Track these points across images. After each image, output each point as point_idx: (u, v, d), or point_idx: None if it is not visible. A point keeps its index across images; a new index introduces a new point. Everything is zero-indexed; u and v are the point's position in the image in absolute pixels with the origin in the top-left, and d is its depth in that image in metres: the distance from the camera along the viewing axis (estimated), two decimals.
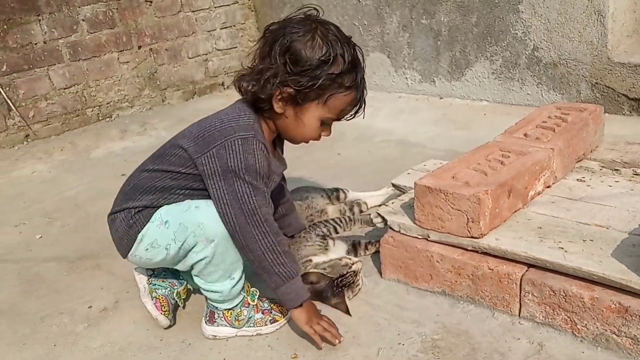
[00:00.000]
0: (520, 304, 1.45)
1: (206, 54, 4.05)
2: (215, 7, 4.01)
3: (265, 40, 1.41)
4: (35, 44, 3.42)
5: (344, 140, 2.87)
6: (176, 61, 3.94)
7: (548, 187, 1.70)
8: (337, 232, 1.77)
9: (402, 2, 3.26)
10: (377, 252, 1.75)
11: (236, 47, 4.16)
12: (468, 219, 1.47)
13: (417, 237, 1.60)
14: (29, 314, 1.77)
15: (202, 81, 4.08)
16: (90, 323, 1.68)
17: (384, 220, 1.68)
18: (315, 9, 1.43)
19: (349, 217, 1.79)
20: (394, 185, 1.93)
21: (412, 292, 1.62)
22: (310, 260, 1.66)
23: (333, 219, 1.79)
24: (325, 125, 1.47)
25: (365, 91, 1.45)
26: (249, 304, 1.53)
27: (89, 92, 3.66)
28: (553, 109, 1.97)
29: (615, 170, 1.80)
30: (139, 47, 3.79)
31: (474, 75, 3.09)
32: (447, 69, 3.20)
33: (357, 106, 1.46)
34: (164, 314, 1.58)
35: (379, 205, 2.04)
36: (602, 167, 1.83)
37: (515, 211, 1.58)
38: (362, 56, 1.44)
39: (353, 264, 1.61)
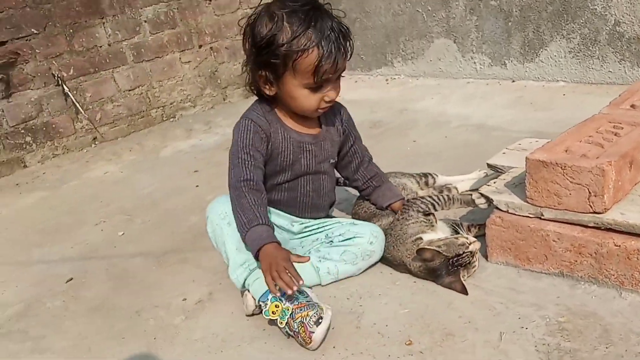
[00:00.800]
0: None
1: None
2: None
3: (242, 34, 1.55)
4: (100, 46, 3.44)
5: (417, 127, 2.78)
6: (236, 59, 3.92)
7: None
8: (435, 210, 1.69)
9: None
10: (480, 235, 1.66)
11: None
12: (590, 193, 1.37)
13: (529, 216, 1.51)
14: (123, 308, 1.74)
15: None
16: (188, 315, 1.65)
17: (489, 200, 1.59)
18: None
19: (447, 195, 1.72)
20: (489, 165, 1.83)
21: (524, 275, 1.53)
22: (421, 238, 1.58)
23: (430, 196, 1.72)
24: (317, 90, 1.49)
25: (334, 43, 1.44)
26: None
27: (152, 93, 3.66)
28: None
29: None
30: (200, 46, 3.78)
31: (549, 56, 2.97)
32: (519, 51, 3.08)
33: (331, 59, 1.44)
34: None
35: (473, 190, 1.95)
36: None
37: (635, 184, 1.48)
38: (327, 11, 1.48)
39: (470, 243, 1.53)
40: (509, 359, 1.26)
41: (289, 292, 1.37)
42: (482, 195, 1.64)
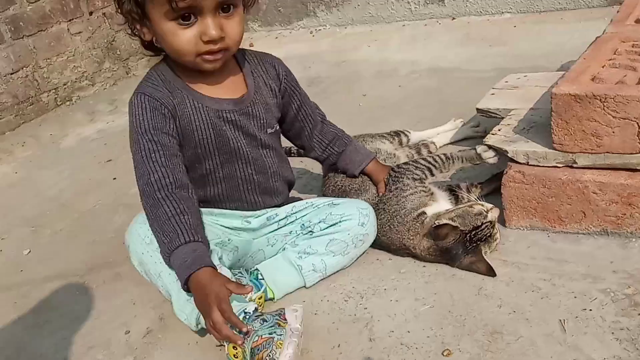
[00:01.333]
0: None
1: None
2: None
3: None
4: None
5: (362, 79, 2.44)
6: None
7: None
8: (432, 175, 1.37)
9: None
10: (485, 195, 1.37)
11: None
12: None
13: (557, 166, 1.21)
14: (47, 356, 1.32)
15: None
16: (137, 355, 1.24)
17: (500, 152, 1.28)
18: None
19: (444, 155, 1.39)
20: (480, 110, 1.53)
21: (557, 239, 1.24)
22: (424, 213, 1.26)
23: (424, 159, 1.39)
24: (188, 24, 1.11)
25: None
26: None
27: (40, 74, 3.09)
28: None
29: None
30: (90, 13, 3.24)
31: None
32: None
33: None
34: None
35: (456, 142, 1.65)
36: None
37: None
38: None
39: (488, 211, 1.22)
40: (585, 357, 0.96)
41: (239, 343, 1.04)
42: (489, 147, 1.32)
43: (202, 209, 1.26)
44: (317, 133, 1.42)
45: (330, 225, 1.28)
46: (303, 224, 1.32)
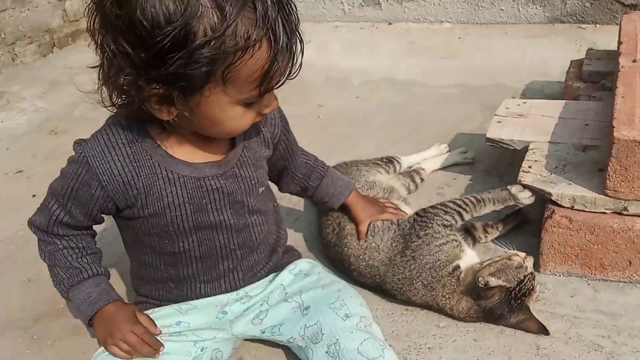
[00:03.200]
0: None
1: None
2: None
3: (90, 19, 0.85)
4: None
5: (310, 87, 2.27)
6: (23, 4, 2.93)
7: None
8: (462, 220, 1.25)
9: None
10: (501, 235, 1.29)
11: None
12: None
13: (605, 212, 1.15)
14: None
15: (61, 28, 3.12)
16: None
17: (541, 194, 1.20)
18: None
19: (475, 197, 1.27)
20: (490, 140, 1.43)
21: (600, 288, 1.19)
22: (459, 267, 1.13)
23: (454, 202, 1.26)
24: (254, 104, 0.90)
25: (286, 25, 0.83)
26: None
27: None
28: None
29: None
30: None
31: None
32: None
33: (287, 57, 0.85)
34: None
35: (446, 168, 1.56)
36: None
37: None
38: None
39: (526, 261, 1.13)
40: None
41: (158, 356, 0.99)
42: (524, 186, 1.23)
43: (163, 310, 1.09)
44: (299, 166, 1.23)
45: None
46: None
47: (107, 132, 0.95)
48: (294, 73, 0.87)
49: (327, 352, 0.99)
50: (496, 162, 1.60)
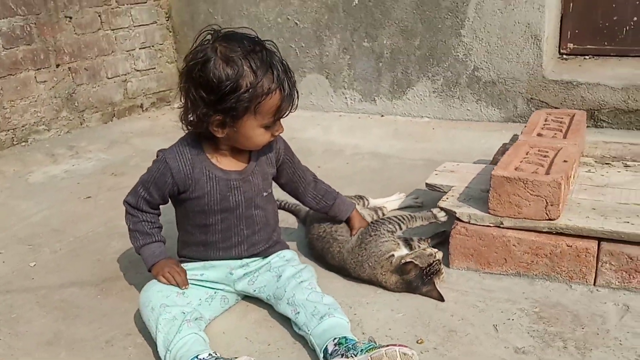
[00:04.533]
0: (596, 274, 1.66)
1: (125, 74, 3.86)
2: (134, 27, 3.85)
3: (180, 79, 1.53)
4: None
5: (314, 154, 2.94)
6: (95, 81, 3.71)
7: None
8: (401, 229, 1.85)
9: (342, 26, 3.43)
10: (432, 246, 1.87)
11: (154, 68, 4.02)
12: (547, 203, 1.65)
13: (489, 225, 1.75)
14: (88, 339, 1.60)
15: (121, 103, 3.87)
16: None
17: (450, 213, 1.81)
18: (212, 28, 1.49)
19: (409, 215, 1.88)
20: (428, 185, 2.06)
21: (486, 277, 1.76)
22: (393, 255, 1.72)
23: (395, 217, 1.87)
24: (270, 127, 1.53)
25: (290, 83, 1.49)
26: None
27: (2, 114, 3.29)
28: (544, 114, 2.26)
29: (606, 164, 2.11)
30: (57, 66, 3.51)
31: (415, 94, 3.35)
32: (388, 89, 3.42)
33: (290, 99, 1.50)
34: None
35: (402, 208, 2.18)
36: (596, 161, 2.13)
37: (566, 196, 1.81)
38: (276, 51, 1.50)
39: (436, 252, 1.71)
40: (512, 345, 1.45)
41: (184, 288, 1.58)
42: (442, 209, 1.84)
43: (194, 264, 1.67)
44: (311, 190, 1.86)
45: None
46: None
47: (179, 145, 1.60)
48: (293, 109, 1.54)
49: (287, 303, 1.56)
50: (436, 205, 2.21)
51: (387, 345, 1.30)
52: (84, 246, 2.14)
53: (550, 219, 1.67)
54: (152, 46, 3.99)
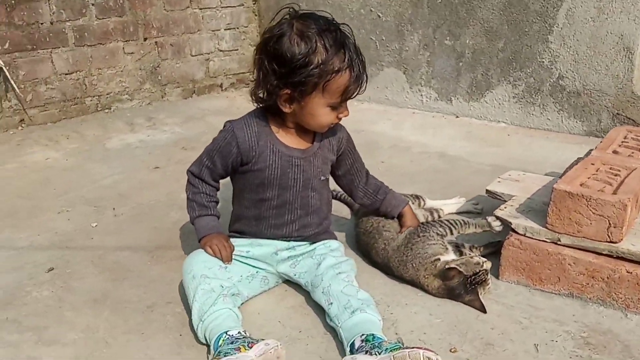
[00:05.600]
0: None
1: (208, 54, 3.96)
2: (221, 7, 3.94)
3: (256, 52, 1.54)
4: (42, 23, 3.22)
5: (380, 149, 2.91)
6: (179, 57, 3.83)
7: None
8: (452, 234, 1.80)
9: (425, 22, 3.37)
10: (483, 255, 1.80)
11: (237, 50, 4.10)
12: (610, 224, 1.56)
13: (545, 241, 1.67)
14: (132, 302, 1.65)
15: (202, 80, 3.98)
16: None
17: (506, 223, 1.74)
18: (292, 7, 1.50)
19: (463, 220, 1.83)
20: (489, 191, 1.99)
21: (536, 294, 1.68)
22: (439, 259, 1.68)
23: (447, 220, 1.82)
24: (336, 108, 1.54)
25: (360, 65, 1.50)
26: None
27: (90, 81, 3.47)
28: (625, 131, 2.12)
29: None
30: (145, 39, 3.65)
31: (493, 98, 3.24)
32: (466, 90, 3.33)
33: (358, 81, 1.50)
34: None
35: (460, 213, 2.12)
36: None
37: (634, 220, 1.69)
38: (349, 33, 1.51)
39: (484, 262, 1.65)
40: None
41: (227, 263, 1.60)
42: (497, 218, 1.78)
43: (243, 240, 1.69)
44: (364, 185, 1.84)
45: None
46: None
47: (247, 117, 1.62)
48: (361, 92, 1.53)
49: (322, 292, 1.55)
50: None
51: (412, 348, 1.27)
52: (144, 213, 2.22)
53: (611, 242, 1.58)
54: (237, 28, 4.07)
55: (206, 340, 1.44)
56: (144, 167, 2.69)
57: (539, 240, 1.67)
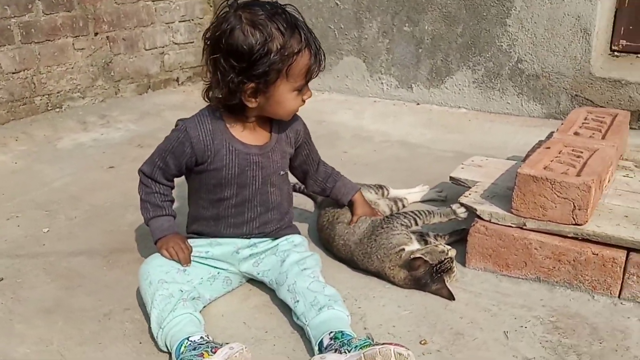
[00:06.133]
0: (621, 286, 1.54)
1: (163, 47, 3.84)
2: None
3: (206, 52, 1.46)
4: None
5: (342, 139, 2.86)
6: (132, 52, 3.70)
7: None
8: (416, 224, 1.76)
9: (384, 9, 3.33)
10: (448, 243, 1.78)
11: (193, 42, 3.98)
12: (575, 206, 1.54)
13: (511, 226, 1.64)
14: (87, 310, 1.58)
15: (157, 75, 3.86)
16: None
17: (471, 210, 1.71)
18: (230, 0, 1.44)
19: (427, 210, 1.79)
20: (452, 178, 1.96)
21: (503, 280, 1.66)
22: (403, 249, 1.64)
23: (411, 212, 1.78)
24: (300, 91, 1.49)
25: (316, 42, 1.47)
26: None
27: (39, 79, 3.32)
28: (585, 112, 2.12)
29: None
30: (96, 34, 3.51)
31: (454, 83, 3.23)
32: (426, 76, 3.31)
33: (318, 58, 1.47)
34: None
35: (424, 201, 2.10)
36: (636, 166, 1.99)
37: (597, 201, 1.68)
38: (296, 11, 1.47)
39: (449, 250, 1.62)
40: (521, 355, 1.36)
41: (186, 266, 1.54)
42: (462, 205, 1.75)
43: (201, 241, 1.62)
44: (315, 173, 1.79)
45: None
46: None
47: (200, 116, 1.55)
48: (322, 69, 1.49)
49: (288, 290, 1.50)
50: None
51: (383, 344, 1.22)
52: (99, 215, 2.13)
53: (576, 224, 1.56)
54: (192, 20, 3.96)
55: (167, 347, 1.37)
56: (97, 167, 2.59)
57: (505, 225, 1.65)
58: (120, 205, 2.19)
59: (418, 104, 3.36)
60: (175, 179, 1.64)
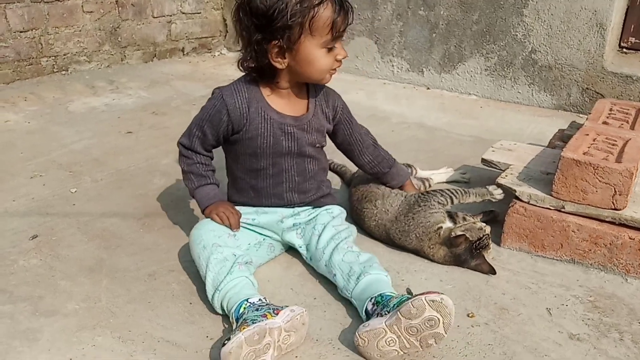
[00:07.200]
0: None
1: (171, 16, 3.79)
2: None
3: (233, 18, 1.47)
4: None
5: (358, 118, 2.85)
6: (140, 18, 3.64)
7: None
8: (452, 203, 1.79)
9: None
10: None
11: (200, 13, 3.94)
12: (616, 191, 1.59)
13: (549, 208, 1.69)
14: (130, 271, 1.57)
15: (163, 44, 3.81)
16: None
17: (509, 191, 1.75)
18: None
19: (463, 189, 1.82)
20: (484, 160, 1.99)
21: (538, 260, 1.70)
22: (441, 227, 1.67)
23: (448, 189, 1.81)
24: (332, 49, 1.45)
25: None
26: None
27: (46, 40, 3.25)
28: (609, 104, 2.17)
29: None
30: None
31: (465, 70, 3.26)
32: (438, 61, 3.33)
33: (342, 11, 1.41)
34: None
35: (449, 182, 2.14)
36: None
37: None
38: None
39: (485, 227, 1.66)
40: (566, 331, 1.41)
41: (236, 231, 1.55)
42: (500, 186, 1.78)
43: (247, 208, 1.63)
44: (368, 154, 1.79)
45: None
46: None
47: (236, 84, 1.54)
48: (350, 22, 1.44)
49: (325, 265, 1.52)
50: (485, 183, 2.14)
51: (415, 296, 1.25)
52: (125, 179, 2.11)
53: (615, 209, 1.61)
54: None
55: (223, 309, 1.38)
56: (114, 131, 2.55)
57: (543, 207, 1.69)
58: (146, 170, 2.17)
59: (428, 88, 3.39)
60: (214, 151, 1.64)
